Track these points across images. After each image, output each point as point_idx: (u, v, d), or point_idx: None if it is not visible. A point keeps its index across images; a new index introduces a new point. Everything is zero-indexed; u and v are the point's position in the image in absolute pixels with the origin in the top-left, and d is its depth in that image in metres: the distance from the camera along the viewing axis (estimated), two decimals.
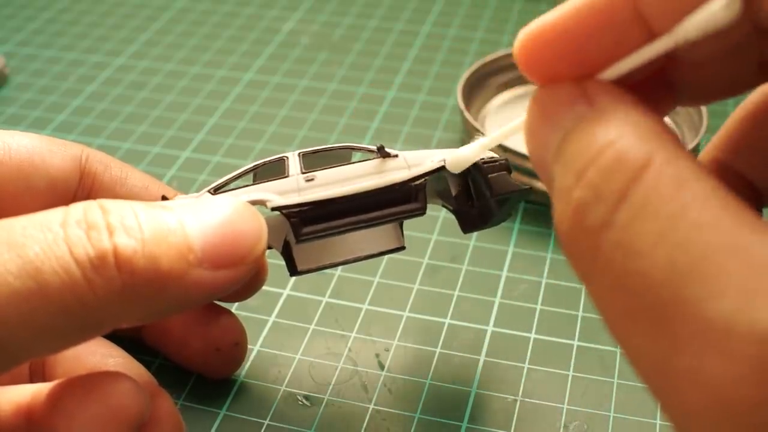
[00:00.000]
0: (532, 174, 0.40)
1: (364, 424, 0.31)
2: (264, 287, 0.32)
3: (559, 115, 0.19)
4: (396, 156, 0.29)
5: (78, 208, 0.22)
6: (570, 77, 0.19)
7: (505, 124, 0.23)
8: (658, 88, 0.21)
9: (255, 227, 0.24)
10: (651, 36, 0.18)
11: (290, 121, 0.50)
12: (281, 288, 0.37)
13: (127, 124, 0.50)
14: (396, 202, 0.28)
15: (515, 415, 0.31)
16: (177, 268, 0.22)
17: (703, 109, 0.44)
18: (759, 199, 0.23)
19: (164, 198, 0.29)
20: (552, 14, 0.19)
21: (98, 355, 0.28)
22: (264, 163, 0.29)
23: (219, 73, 0.55)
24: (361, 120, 0.50)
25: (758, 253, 0.15)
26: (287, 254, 0.30)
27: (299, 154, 0.29)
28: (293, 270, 0.30)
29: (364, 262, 0.31)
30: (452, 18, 0.62)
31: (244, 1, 0.64)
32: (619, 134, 0.17)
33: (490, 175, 0.29)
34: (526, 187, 0.30)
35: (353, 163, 0.29)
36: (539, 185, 0.40)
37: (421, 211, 0.29)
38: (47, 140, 0.29)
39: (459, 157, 0.28)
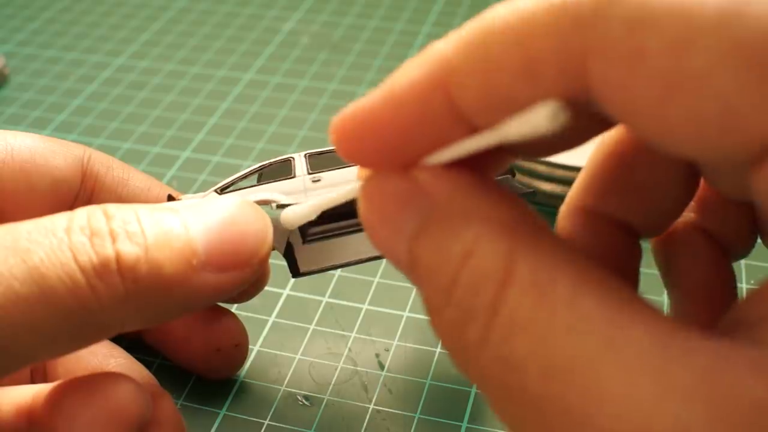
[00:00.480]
0: (534, 175, 0.40)
1: (364, 424, 0.31)
2: (264, 287, 0.32)
3: (398, 216, 0.17)
4: None
5: (82, 214, 0.22)
6: (394, 166, 0.18)
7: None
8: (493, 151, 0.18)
9: (260, 228, 0.24)
10: (473, 129, 0.16)
11: (290, 121, 0.50)
12: (281, 288, 0.37)
13: (127, 124, 0.50)
14: None
15: None
16: (181, 273, 0.22)
17: None
18: (635, 237, 0.22)
19: (170, 197, 0.29)
20: (365, 101, 0.17)
21: (99, 355, 0.28)
22: (271, 164, 0.29)
23: (219, 73, 0.55)
24: None
25: (637, 350, 0.14)
26: (290, 256, 0.30)
27: (306, 155, 0.29)
28: (295, 272, 0.30)
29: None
30: (452, 18, 0.62)
31: (244, 1, 0.64)
32: (473, 239, 0.16)
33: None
34: (531, 190, 0.30)
35: None
36: (543, 187, 0.40)
37: None
38: (50, 141, 0.29)
39: (292, 216, 0.25)
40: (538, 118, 0.14)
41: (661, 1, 0.14)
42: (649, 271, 0.23)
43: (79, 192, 0.29)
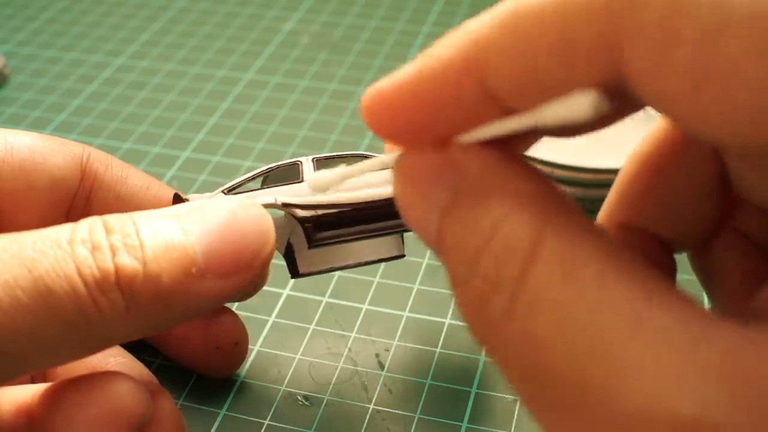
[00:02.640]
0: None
1: (364, 424, 0.31)
2: (264, 287, 0.32)
3: (430, 189, 0.17)
4: None
5: (84, 227, 0.22)
6: (426, 142, 0.17)
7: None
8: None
9: (261, 229, 0.23)
10: (506, 111, 0.16)
11: (290, 121, 0.50)
12: (281, 288, 0.37)
13: (127, 124, 0.50)
14: None
15: (515, 415, 0.31)
16: (179, 283, 0.22)
17: None
18: (669, 251, 0.22)
19: (177, 197, 0.29)
20: (396, 78, 0.17)
21: (99, 354, 0.28)
22: (278, 166, 0.29)
23: (219, 73, 0.55)
24: (361, 120, 0.50)
25: (663, 330, 0.14)
26: (289, 256, 0.30)
27: (313, 159, 0.29)
28: (295, 272, 0.30)
29: None
30: (452, 18, 0.62)
31: (244, 1, 0.64)
32: (503, 212, 0.16)
33: None
34: None
35: None
36: None
37: None
38: (49, 139, 0.29)
39: (320, 180, 0.26)
40: (577, 107, 0.14)
41: None
42: (685, 278, 0.23)
43: (78, 190, 0.29)
